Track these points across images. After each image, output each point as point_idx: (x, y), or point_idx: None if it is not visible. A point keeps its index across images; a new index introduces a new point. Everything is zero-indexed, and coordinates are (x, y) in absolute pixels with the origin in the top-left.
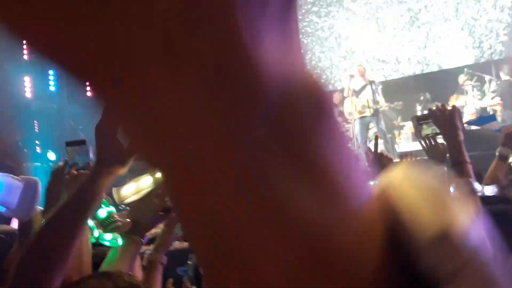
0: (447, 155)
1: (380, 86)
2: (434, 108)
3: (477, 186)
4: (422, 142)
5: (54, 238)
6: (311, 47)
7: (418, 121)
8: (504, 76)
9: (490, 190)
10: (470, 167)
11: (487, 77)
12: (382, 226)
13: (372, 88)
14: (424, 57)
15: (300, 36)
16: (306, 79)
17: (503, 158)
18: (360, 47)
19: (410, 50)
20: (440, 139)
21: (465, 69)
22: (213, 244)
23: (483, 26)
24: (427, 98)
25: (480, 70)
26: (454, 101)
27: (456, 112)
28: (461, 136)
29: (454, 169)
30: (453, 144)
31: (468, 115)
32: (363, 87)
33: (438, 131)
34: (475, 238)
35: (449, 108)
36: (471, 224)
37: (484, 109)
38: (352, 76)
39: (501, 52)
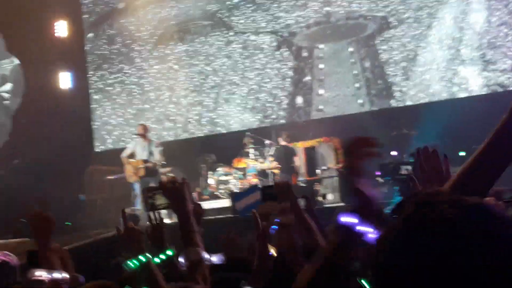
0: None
1: (159, 147)
2: (164, 180)
3: (205, 255)
4: (151, 213)
5: None
6: (101, 103)
7: (149, 192)
8: (281, 142)
9: (216, 259)
10: (198, 237)
11: (267, 142)
12: None
13: (149, 148)
14: (212, 119)
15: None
16: None
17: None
18: (151, 105)
19: (200, 111)
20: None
21: (248, 133)
22: None
23: (268, 93)
24: (213, 159)
25: (261, 135)
26: (237, 163)
27: (185, 184)
28: (190, 207)
29: (183, 239)
30: (182, 215)
31: (249, 177)
32: (142, 147)
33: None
34: None
35: (179, 180)
36: None
37: (263, 172)
38: (134, 136)
39: (282, 118)
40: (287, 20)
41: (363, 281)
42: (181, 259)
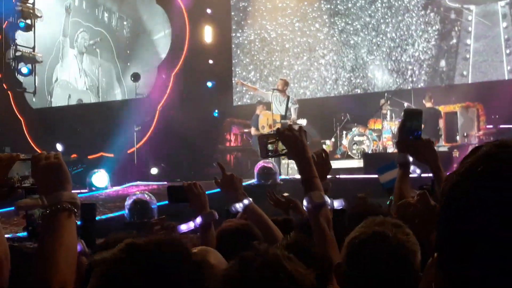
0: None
1: (295, 104)
2: (281, 128)
3: (327, 199)
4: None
5: None
6: (242, 58)
7: (267, 140)
8: (426, 103)
9: (337, 204)
10: (319, 181)
11: (406, 104)
12: None
13: (287, 103)
14: (349, 79)
15: None
16: None
17: (403, 165)
18: (290, 62)
19: (338, 71)
20: None
21: (386, 94)
22: None
23: (410, 55)
24: (348, 119)
25: (400, 97)
26: (373, 124)
27: (302, 131)
28: (309, 153)
29: (304, 184)
30: (301, 161)
31: (384, 139)
32: (280, 102)
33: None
34: None
35: (296, 127)
36: None
37: None
38: (273, 90)
39: (424, 81)
40: None
41: None
42: (305, 203)
